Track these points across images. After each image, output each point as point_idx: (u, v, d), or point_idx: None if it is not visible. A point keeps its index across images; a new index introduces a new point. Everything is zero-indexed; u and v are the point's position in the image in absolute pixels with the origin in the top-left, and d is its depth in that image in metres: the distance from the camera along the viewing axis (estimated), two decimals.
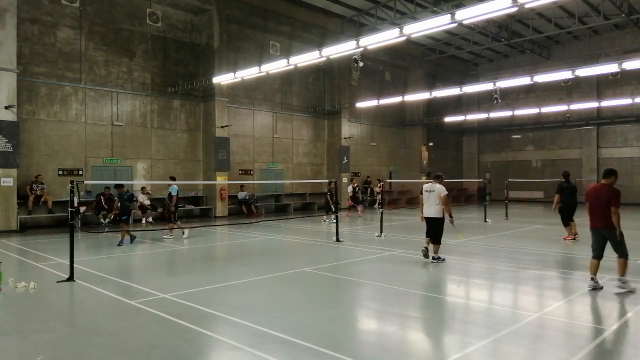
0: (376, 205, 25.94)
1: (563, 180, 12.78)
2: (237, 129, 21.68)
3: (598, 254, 7.20)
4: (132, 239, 12.55)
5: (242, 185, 20.97)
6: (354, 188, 21.39)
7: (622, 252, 7.01)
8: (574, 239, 12.39)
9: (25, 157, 15.76)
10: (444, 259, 9.50)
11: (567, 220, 12.55)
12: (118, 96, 18.20)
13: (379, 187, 26.37)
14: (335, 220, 13.47)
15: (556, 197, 12.65)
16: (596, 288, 7.09)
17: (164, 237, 13.40)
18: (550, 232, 14.95)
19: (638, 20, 22.42)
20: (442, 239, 9.56)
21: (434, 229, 9.48)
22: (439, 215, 9.38)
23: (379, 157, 29.62)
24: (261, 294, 7.07)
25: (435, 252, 9.46)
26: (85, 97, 17.37)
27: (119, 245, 11.95)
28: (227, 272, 9.04)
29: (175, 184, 13.66)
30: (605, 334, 5.23)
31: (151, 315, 5.93)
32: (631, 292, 6.94)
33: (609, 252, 7.17)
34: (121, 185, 12.62)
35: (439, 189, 9.36)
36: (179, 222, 13.69)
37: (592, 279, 7.17)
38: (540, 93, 31.64)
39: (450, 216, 9.41)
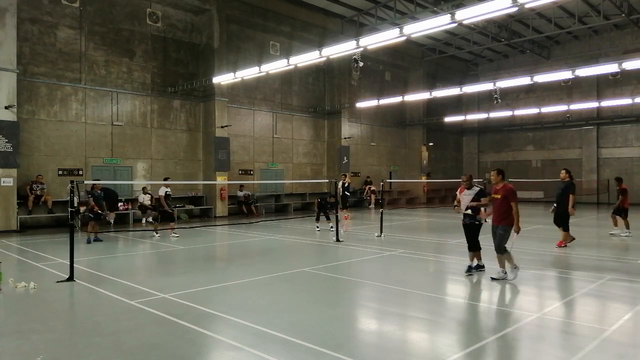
0: (371, 206, 25.97)
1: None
2: (237, 129, 21.67)
3: None
4: (90, 240, 12.60)
5: (241, 185, 20.98)
6: (343, 185, 17.81)
7: None
8: (565, 245, 11.40)
9: (25, 157, 15.76)
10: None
11: (557, 223, 11.59)
12: (118, 96, 18.20)
13: (370, 187, 26.41)
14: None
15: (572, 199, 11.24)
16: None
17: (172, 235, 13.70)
18: (550, 232, 14.94)
19: (638, 20, 22.40)
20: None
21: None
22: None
23: (379, 157, 29.62)
24: (261, 294, 7.07)
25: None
26: (85, 97, 17.37)
27: (95, 241, 12.39)
28: (227, 272, 9.04)
29: (163, 185, 13.85)
30: (605, 334, 5.23)
31: (151, 315, 5.93)
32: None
33: (611, 253, 7.15)
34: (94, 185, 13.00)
35: None
36: (167, 223, 13.93)
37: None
38: (540, 93, 31.63)
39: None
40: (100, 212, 12.80)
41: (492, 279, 7.81)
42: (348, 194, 19.06)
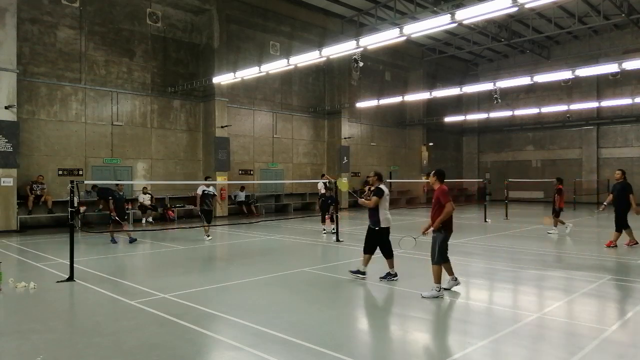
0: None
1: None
2: (237, 129, 21.67)
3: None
4: (133, 239, 12.76)
5: (242, 187, 20.97)
6: (325, 185, 15.01)
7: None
8: (635, 244, 11.33)
9: (25, 157, 15.76)
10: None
11: (618, 224, 11.28)
12: (118, 96, 18.20)
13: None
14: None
15: (609, 197, 11.64)
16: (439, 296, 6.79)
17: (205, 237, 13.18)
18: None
19: (638, 20, 22.41)
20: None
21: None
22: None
23: (379, 157, 29.61)
24: (261, 294, 7.07)
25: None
26: (85, 97, 17.37)
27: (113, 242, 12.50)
28: (227, 272, 9.04)
29: (203, 185, 13.43)
30: (605, 334, 5.23)
31: (151, 315, 5.93)
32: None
33: (611, 253, 7.14)
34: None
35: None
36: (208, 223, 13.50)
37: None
38: (540, 93, 31.63)
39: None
40: (118, 213, 12.52)
41: (422, 296, 6.75)
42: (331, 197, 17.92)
